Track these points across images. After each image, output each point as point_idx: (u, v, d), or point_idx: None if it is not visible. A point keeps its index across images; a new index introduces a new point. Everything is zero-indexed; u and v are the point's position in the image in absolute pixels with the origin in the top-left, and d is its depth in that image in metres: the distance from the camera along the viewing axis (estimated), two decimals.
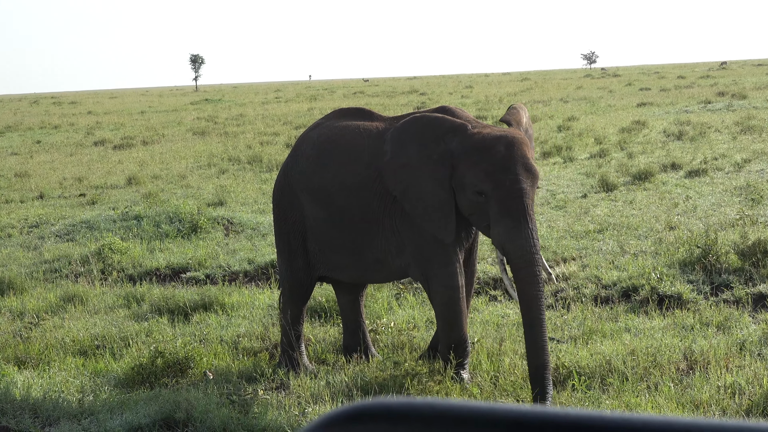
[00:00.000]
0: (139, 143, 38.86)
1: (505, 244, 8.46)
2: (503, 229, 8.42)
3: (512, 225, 8.38)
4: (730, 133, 28.92)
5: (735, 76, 77.93)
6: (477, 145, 8.58)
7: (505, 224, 8.41)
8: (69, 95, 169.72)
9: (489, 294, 12.57)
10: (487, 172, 8.44)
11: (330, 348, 10.59)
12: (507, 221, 8.39)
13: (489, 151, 8.49)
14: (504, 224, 8.41)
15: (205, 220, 17.71)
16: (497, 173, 8.41)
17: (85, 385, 9.70)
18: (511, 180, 8.39)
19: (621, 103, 47.86)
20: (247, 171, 27.35)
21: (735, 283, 11.86)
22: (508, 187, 8.38)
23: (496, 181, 8.40)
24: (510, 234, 8.40)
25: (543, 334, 8.43)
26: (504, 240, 8.45)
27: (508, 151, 8.46)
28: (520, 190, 8.38)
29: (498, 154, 8.44)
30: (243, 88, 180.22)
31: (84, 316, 12.57)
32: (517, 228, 8.36)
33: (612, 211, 17.06)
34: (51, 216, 20.51)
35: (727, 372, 8.86)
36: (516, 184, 8.38)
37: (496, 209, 8.43)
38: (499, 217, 8.43)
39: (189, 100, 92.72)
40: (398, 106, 53.49)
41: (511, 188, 8.38)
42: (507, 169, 8.41)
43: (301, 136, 10.13)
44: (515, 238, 8.38)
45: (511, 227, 8.38)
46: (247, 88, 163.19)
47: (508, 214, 8.39)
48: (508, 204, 8.38)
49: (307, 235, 9.77)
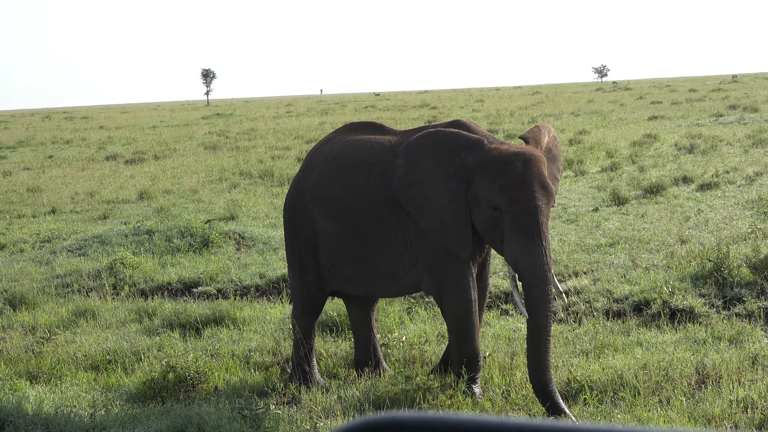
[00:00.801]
0: (151, 158, 38.93)
1: (518, 260, 8.46)
2: (517, 245, 8.42)
3: (526, 242, 8.37)
4: (741, 146, 28.87)
5: (746, 89, 77.85)
6: (494, 161, 8.58)
7: (518, 241, 8.40)
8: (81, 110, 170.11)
9: (501, 308, 12.55)
10: (503, 187, 8.44)
11: (341, 362, 10.58)
12: (521, 238, 8.39)
13: (506, 167, 8.49)
14: (518, 241, 8.41)
15: (217, 235, 17.71)
16: (513, 189, 8.41)
17: (97, 400, 9.71)
18: (526, 197, 8.39)
19: (632, 117, 47.83)
20: (259, 185, 27.37)
21: (747, 297, 11.83)
22: (523, 203, 8.38)
23: (511, 198, 8.41)
24: (523, 251, 8.39)
25: (547, 353, 8.44)
26: (517, 257, 8.45)
27: (525, 167, 8.46)
28: (535, 207, 8.38)
29: (515, 170, 8.45)
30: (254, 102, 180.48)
31: (96, 331, 12.58)
32: (530, 245, 8.36)
33: (623, 224, 17.04)
34: (63, 231, 20.54)
35: (740, 386, 8.84)
36: (531, 201, 8.38)
37: (511, 225, 8.43)
38: (513, 234, 8.43)
39: (200, 115, 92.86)
40: (409, 120, 53.51)
41: (527, 205, 8.38)
42: (523, 185, 8.41)
43: (313, 150, 10.14)
44: (528, 256, 8.37)
45: (525, 244, 8.38)
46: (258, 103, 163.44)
47: (522, 230, 8.39)
48: (523, 221, 8.38)
49: (318, 249, 9.78)
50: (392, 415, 1.19)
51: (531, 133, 9.17)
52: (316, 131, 48.96)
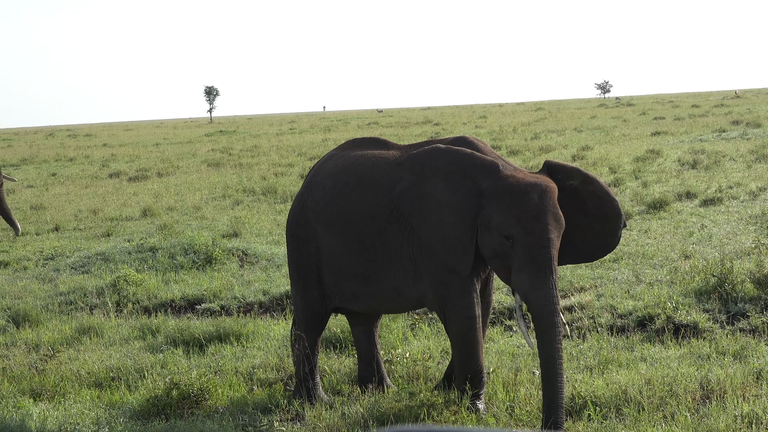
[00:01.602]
0: (154, 175, 38.97)
1: (528, 292, 8.46)
2: (527, 276, 8.43)
3: (536, 274, 8.38)
4: (744, 161, 28.87)
5: (749, 105, 77.90)
6: (511, 190, 8.59)
7: (529, 272, 8.41)
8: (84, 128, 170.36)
9: (504, 324, 12.55)
10: (518, 218, 8.45)
11: (345, 379, 10.57)
12: (532, 269, 8.40)
13: (522, 197, 8.51)
14: (528, 272, 8.42)
15: (220, 252, 17.71)
16: (529, 221, 8.43)
17: (101, 417, 9.71)
18: (541, 229, 8.41)
19: (635, 132, 47.84)
20: (262, 202, 27.38)
21: (751, 312, 11.82)
22: (537, 235, 8.40)
23: (526, 229, 8.42)
24: (533, 282, 8.40)
25: (561, 388, 8.38)
26: (527, 288, 8.45)
27: (540, 199, 8.49)
28: (548, 240, 8.40)
29: (531, 201, 8.47)
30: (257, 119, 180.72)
31: (99, 348, 12.58)
32: (542, 277, 8.37)
33: (627, 240, 17.02)
34: (66, 248, 20.56)
35: (744, 401, 8.83)
36: (545, 234, 8.40)
37: (522, 256, 8.44)
38: (524, 265, 8.43)
39: (203, 132, 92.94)
40: (412, 137, 53.54)
41: (541, 237, 8.40)
42: (538, 217, 8.43)
43: (316, 166, 10.14)
44: (539, 288, 8.38)
45: (535, 276, 8.38)
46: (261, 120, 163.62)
47: (534, 262, 8.40)
48: (536, 253, 8.39)
49: (322, 265, 9.77)
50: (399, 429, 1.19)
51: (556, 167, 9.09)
52: (319, 148, 48.99)
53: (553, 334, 8.37)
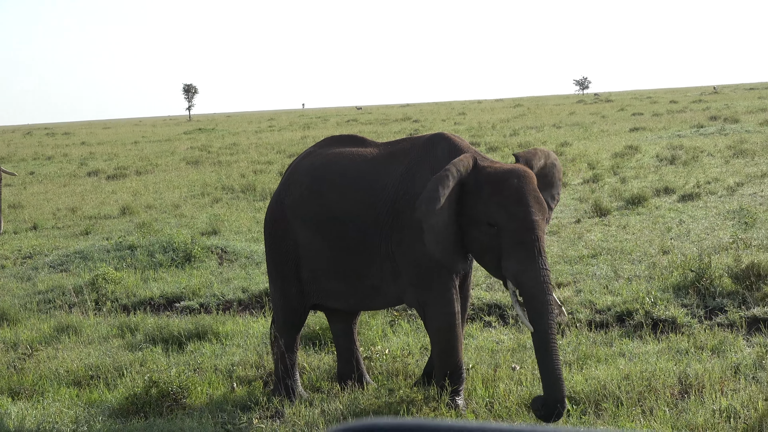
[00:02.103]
0: (133, 173, 38.88)
1: (518, 275, 8.43)
2: (516, 260, 8.42)
3: (526, 256, 8.37)
4: (722, 156, 28.96)
5: (727, 101, 78.16)
6: (490, 179, 8.61)
7: (518, 256, 8.40)
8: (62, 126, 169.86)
9: (483, 320, 12.56)
10: (500, 204, 8.46)
11: (324, 376, 10.57)
12: (520, 253, 8.39)
13: (502, 184, 8.52)
14: (516, 256, 8.41)
15: (199, 249, 17.69)
16: (511, 205, 8.43)
17: (80, 416, 9.68)
18: (524, 212, 8.41)
19: (614, 129, 47.95)
20: (241, 200, 27.35)
21: (729, 307, 11.86)
22: (521, 218, 8.40)
23: (510, 213, 8.42)
24: (523, 265, 8.38)
25: (558, 364, 8.36)
26: (517, 271, 8.43)
27: (520, 183, 8.50)
28: (533, 222, 8.40)
29: (511, 187, 8.48)
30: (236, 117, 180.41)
31: (78, 347, 12.54)
32: (531, 259, 8.36)
33: (606, 235, 17.07)
34: (45, 247, 20.49)
35: (722, 396, 8.85)
36: (529, 216, 8.40)
37: (509, 241, 8.44)
38: (512, 249, 8.43)
39: (182, 130, 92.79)
40: (391, 134, 53.56)
41: (525, 220, 8.40)
42: (520, 201, 8.44)
43: (293, 164, 10.13)
44: (529, 269, 8.36)
45: (525, 258, 8.37)
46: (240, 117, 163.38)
47: (521, 245, 8.39)
48: (522, 236, 8.39)
49: (300, 263, 9.76)
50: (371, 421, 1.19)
51: (525, 154, 9.19)
52: (298, 145, 48.94)
53: (545, 313, 8.33)
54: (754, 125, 41.64)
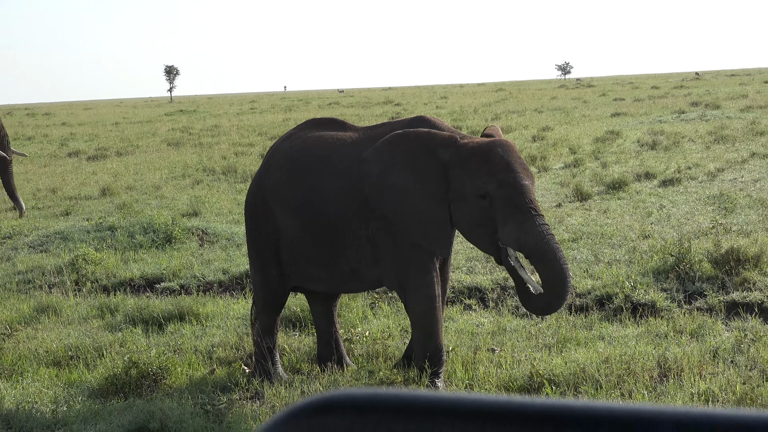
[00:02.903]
0: (114, 154, 38.76)
1: (520, 237, 8.43)
2: (514, 224, 8.44)
3: (523, 219, 8.41)
4: (703, 142, 29.03)
5: (708, 87, 78.29)
6: (474, 152, 8.65)
7: (515, 219, 8.43)
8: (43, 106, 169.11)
9: (464, 303, 12.58)
10: (489, 173, 8.50)
11: (304, 357, 10.57)
12: (518, 216, 8.42)
13: (488, 154, 8.57)
14: (514, 220, 8.44)
15: (180, 231, 17.66)
16: (500, 173, 8.48)
17: (59, 396, 9.66)
18: (514, 177, 8.47)
19: (595, 114, 48.01)
20: (222, 182, 27.30)
21: (708, 291, 11.91)
22: (512, 183, 8.45)
23: (500, 181, 8.46)
24: (523, 227, 8.40)
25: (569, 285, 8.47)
26: (518, 235, 8.44)
27: (505, 152, 8.58)
28: (523, 186, 8.46)
29: (497, 155, 8.54)
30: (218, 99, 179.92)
31: (57, 327, 12.52)
32: (529, 221, 8.39)
33: (586, 220, 17.10)
34: (24, 227, 20.40)
35: (701, 379, 8.89)
36: (520, 181, 8.47)
37: (503, 208, 8.47)
38: (509, 215, 8.46)
39: (163, 111, 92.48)
40: (373, 117, 53.50)
41: (516, 184, 8.45)
42: (508, 168, 8.50)
43: (274, 147, 10.11)
44: (530, 231, 8.39)
45: (523, 221, 8.41)
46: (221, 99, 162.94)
47: (517, 209, 8.42)
48: (516, 200, 8.43)
49: (280, 245, 9.75)
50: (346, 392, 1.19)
51: (493, 130, 9.26)
52: (279, 128, 48.84)
53: (557, 260, 8.33)
54: (734, 111, 41.74)
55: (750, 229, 14.92)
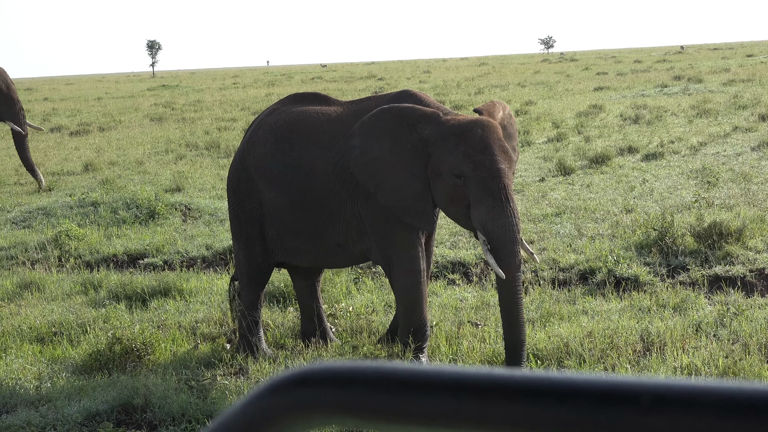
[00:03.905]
0: (96, 130, 38.63)
1: (486, 223, 8.46)
2: (484, 209, 8.44)
3: (494, 204, 8.40)
4: (686, 116, 29.10)
5: (691, 60, 78.42)
6: (454, 130, 8.62)
7: (485, 204, 8.43)
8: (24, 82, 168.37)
9: (447, 278, 12.60)
10: (466, 153, 8.47)
11: (288, 333, 10.58)
12: (488, 201, 8.42)
13: (466, 134, 8.54)
14: (485, 204, 8.43)
15: (163, 206, 17.63)
16: (476, 154, 8.45)
17: (43, 372, 9.65)
18: (490, 160, 8.44)
19: (578, 88, 48.06)
20: (205, 157, 27.25)
21: (691, 265, 11.95)
22: (487, 167, 8.42)
23: (475, 162, 8.44)
24: (491, 213, 8.41)
25: (520, 312, 8.50)
26: (485, 220, 8.46)
27: (484, 133, 8.53)
28: (499, 170, 8.43)
29: (476, 136, 8.50)
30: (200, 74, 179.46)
31: (41, 303, 12.50)
32: (498, 207, 8.39)
33: (569, 194, 17.14)
34: (7, 203, 20.35)
35: (684, 353, 8.93)
36: (495, 165, 8.44)
37: (476, 190, 8.46)
38: (480, 198, 8.45)
39: (146, 87, 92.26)
40: (356, 91, 53.46)
41: (491, 168, 8.43)
42: (485, 149, 8.47)
43: (256, 121, 10.08)
44: (497, 218, 8.40)
45: (493, 207, 8.40)
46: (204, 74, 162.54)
47: (489, 193, 8.41)
48: (489, 184, 8.42)
49: (264, 221, 9.74)
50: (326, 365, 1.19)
51: (485, 107, 9.22)
52: (262, 102, 48.75)
53: (512, 261, 8.42)
54: (717, 85, 41.83)
55: (732, 203, 14.98)
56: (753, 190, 16.19)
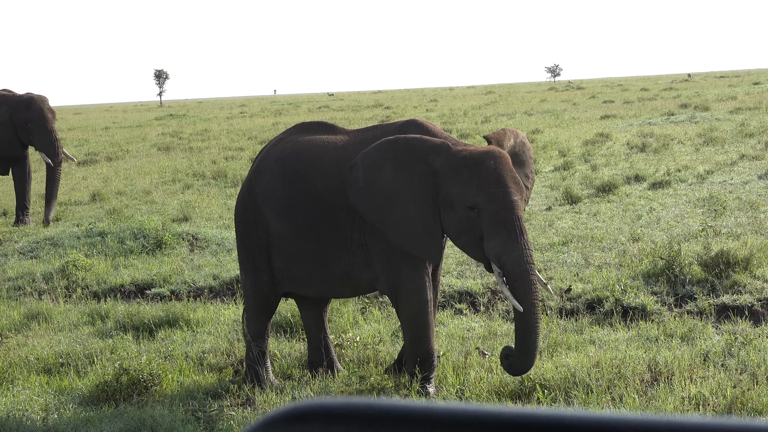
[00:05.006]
0: (104, 159, 38.69)
1: (501, 256, 8.49)
2: (498, 241, 8.47)
3: (508, 236, 8.44)
4: (692, 144, 29.09)
5: (698, 88, 78.43)
6: (466, 162, 8.64)
7: (500, 236, 8.46)
8: None
9: (454, 307, 12.58)
10: (479, 185, 8.50)
11: (295, 363, 10.57)
12: (503, 233, 8.45)
13: (479, 165, 8.56)
14: (499, 236, 8.46)
15: (170, 236, 17.64)
16: (490, 186, 8.48)
17: (50, 403, 9.65)
18: (503, 192, 8.48)
19: (585, 116, 48.05)
20: (212, 186, 27.27)
21: (698, 294, 11.92)
22: (501, 198, 8.46)
23: (489, 194, 8.47)
24: (506, 245, 8.44)
25: (536, 340, 8.55)
26: (500, 252, 8.49)
27: (497, 165, 8.57)
28: (512, 202, 8.47)
29: (488, 168, 8.53)
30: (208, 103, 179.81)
31: (48, 334, 12.50)
32: (513, 239, 8.43)
33: (576, 223, 17.12)
34: (14, 233, 20.37)
35: (692, 383, 8.91)
36: (509, 197, 8.47)
37: (490, 222, 8.49)
38: (494, 230, 8.48)
39: (153, 116, 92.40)
40: (363, 120, 53.51)
41: (505, 200, 8.46)
42: (498, 181, 8.50)
43: (264, 151, 10.10)
44: (512, 250, 8.43)
45: (507, 239, 8.44)
46: (212, 104, 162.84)
47: (503, 225, 8.45)
48: (503, 216, 8.45)
49: (272, 250, 9.75)
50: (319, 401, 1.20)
51: (495, 135, 9.24)
52: (269, 132, 48.80)
53: (529, 292, 8.44)
54: (724, 113, 41.83)
55: (739, 232, 14.95)
56: (760, 218, 16.17)
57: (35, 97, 22.38)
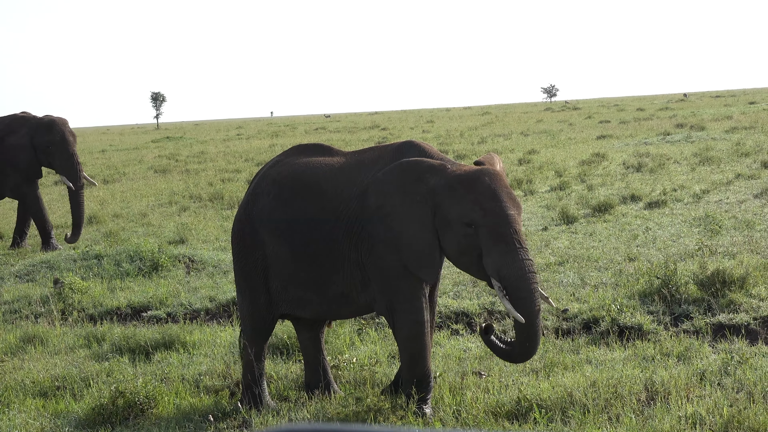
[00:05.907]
0: (100, 182, 38.66)
1: (501, 269, 8.55)
2: (497, 255, 8.54)
3: (507, 250, 8.52)
4: (688, 164, 29.10)
5: (693, 108, 78.53)
6: (461, 179, 8.75)
7: (499, 250, 8.52)
8: None
9: (451, 328, 12.58)
10: (476, 201, 8.60)
11: (292, 385, 10.56)
12: (501, 246, 8.52)
13: (474, 183, 8.67)
14: (498, 250, 8.53)
15: (166, 258, 17.63)
16: (486, 202, 8.57)
17: (46, 427, 9.64)
18: (499, 207, 8.58)
19: (581, 136, 48.08)
20: (209, 208, 27.26)
21: (695, 314, 11.92)
22: (498, 213, 8.55)
23: (485, 210, 8.55)
24: (505, 259, 8.51)
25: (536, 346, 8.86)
26: (500, 265, 8.55)
27: (492, 181, 8.69)
28: (509, 216, 8.56)
29: (484, 184, 8.64)
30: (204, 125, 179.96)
31: (44, 357, 12.49)
32: (512, 252, 8.51)
33: (572, 243, 17.12)
34: (10, 256, 20.36)
35: (688, 402, 8.91)
36: (505, 211, 8.57)
37: (488, 237, 8.56)
38: (493, 244, 8.55)
39: (150, 138, 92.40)
40: (360, 142, 53.57)
41: (501, 214, 8.56)
42: (494, 197, 8.60)
43: (260, 173, 10.13)
44: (512, 262, 8.51)
45: (506, 252, 8.52)
46: (208, 126, 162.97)
47: (501, 239, 8.53)
48: (501, 230, 8.53)
49: (269, 272, 9.76)
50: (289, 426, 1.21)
51: (486, 158, 9.30)
52: (266, 153, 48.82)
53: (530, 306, 8.55)
54: (719, 133, 41.85)
55: (736, 251, 14.95)
56: (756, 237, 16.16)
57: (56, 119, 22.14)
